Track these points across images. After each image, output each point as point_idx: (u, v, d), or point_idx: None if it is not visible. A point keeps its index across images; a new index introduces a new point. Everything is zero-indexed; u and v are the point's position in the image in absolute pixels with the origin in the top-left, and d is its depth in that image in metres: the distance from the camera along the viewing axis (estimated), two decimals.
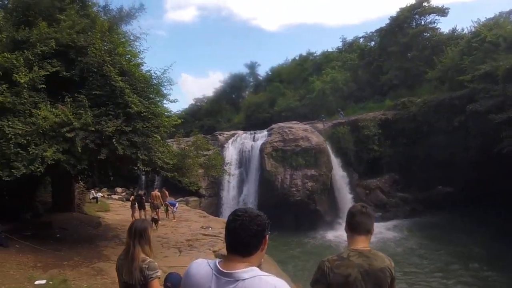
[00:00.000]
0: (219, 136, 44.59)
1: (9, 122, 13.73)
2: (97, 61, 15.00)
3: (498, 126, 29.32)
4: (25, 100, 14.27)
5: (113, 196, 43.09)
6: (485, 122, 31.28)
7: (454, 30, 50.56)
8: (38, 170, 13.22)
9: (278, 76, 64.21)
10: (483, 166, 32.61)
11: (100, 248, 16.71)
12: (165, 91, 16.59)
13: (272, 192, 37.59)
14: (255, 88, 68.96)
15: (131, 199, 26.17)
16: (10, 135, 13.41)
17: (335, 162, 39.47)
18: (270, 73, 68.64)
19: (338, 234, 33.44)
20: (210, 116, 65.94)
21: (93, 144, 14.05)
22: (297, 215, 36.42)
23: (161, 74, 16.20)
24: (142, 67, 16.24)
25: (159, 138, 16.23)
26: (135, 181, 47.82)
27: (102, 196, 36.75)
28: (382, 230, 32.56)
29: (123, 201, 39.63)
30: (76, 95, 14.83)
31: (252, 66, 71.16)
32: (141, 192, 26.61)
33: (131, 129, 14.42)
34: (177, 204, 27.74)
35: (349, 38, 62.99)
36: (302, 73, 60.37)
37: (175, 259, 15.73)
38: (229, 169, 33.77)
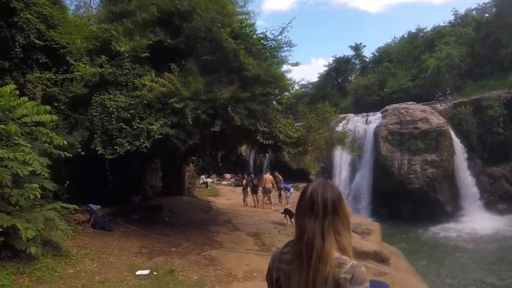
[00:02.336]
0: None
1: (110, 96, 11.71)
2: (204, 24, 12.45)
3: None
4: (127, 71, 12.17)
5: (222, 182, 42.03)
6: None
7: None
8: (144, 145, 11.11)
9: (387, 56, 58.95)
10: None
11: (212, 233, 14.53)
12: (283, 55, 13.49)
13: (387, 178, 33.91)
14: (361, 70, 64.13)
15: (243, 183, 24.34)
16: (112, 109, 11.39)
17: (458, 146, 34.45)
18: (377, 54, 63.52)
19: (460, 226, 29.74)
20: (316, 102, 62.25)
21: (205, 115, 11.62)
22: (415, 204, 32.63)
23: (279, 35, 13.13)
24: (256, 29, 13.26)
25: (280, 108, 13.31)
26: (244, 167, 46.25)
27: (211, 182, 35.16)
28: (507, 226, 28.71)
29: (232, 186, 37.92)
30: (183, 62, 12.49)
31: (357, 48, 65.80)
32: (253, 176, 24.91)
33: (249, 95, 11.75)
34: (291, 189, 24.81)
35: (461, 11, 56.57)
36: (412, 51, 54.65)
37: None
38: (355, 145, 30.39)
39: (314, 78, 77.56)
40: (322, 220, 2.02)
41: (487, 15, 47.89)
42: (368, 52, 66.90)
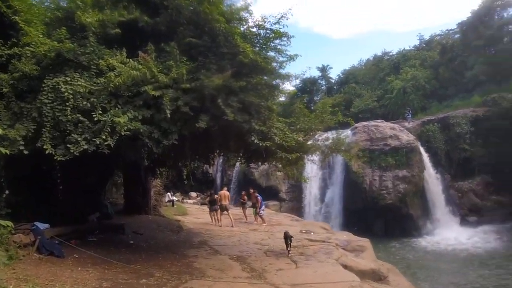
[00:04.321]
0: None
1: (67, 78, 8.63)
2: (191, 3, 9.62)
3: None
4: (91, 50, 9.12)
5: (188, 201, 38.38)
6: None
7: None
8: (106, 144, 8.07)
9: (353, 78, 58.09)
10: None
11: (189, 258, 11.43)
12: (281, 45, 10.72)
13: (359, 195, 32.11)
14: (327, 91, 62.39)
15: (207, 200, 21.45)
16: (67, 95, 8.38)
17: (427, 161, 33.21)
18: (342, 75, 62.39)
19: (433, 240, 28.85)
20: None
21: (188, 108, 8.62)
22: (387, 220, 30.97)
23: (276, 23, 10.40)
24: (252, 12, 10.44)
25: (275, 107, 10.66)
26: (210, 185, 42.85)
27: (177, 200, 31.60)
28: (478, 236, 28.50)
29: (198, 205, 34.61)
30: (162, 45, 9.50)
31: (323, 69, 63.81)
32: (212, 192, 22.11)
33: (244, 84, 8.91)
34: (263, 206, 21.52)
35: (426, 36, 56.80)
36: (378, 73, 54.36)
37: (294, 273, 10.51)
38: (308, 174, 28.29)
39: (282, 97, 75.52)
40: None
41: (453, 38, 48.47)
42: (334, 74, 65.70)
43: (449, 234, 29.11)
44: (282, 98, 12.72)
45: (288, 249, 12.47)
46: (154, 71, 8.63)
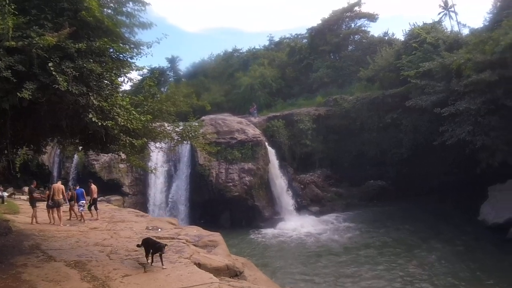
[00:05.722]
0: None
1: None
2: None
3: (437, 121, 28.90)
4: None
5: (21, 197, 33.74)
6: (418, 119, 32.28)
7: (385, 34, 49.01)
8: None
9: (202, 71, 58.03)
10: (414, 161, 32.70)
11: (17, 268, 9.71)
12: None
13: (205, 188, 31.93)
14: (176, 83, 61.28)
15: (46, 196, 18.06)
16: None
17: (272, 155, 34.39)
18: (191, 68, 61.88)
19: (279, 230, 29.78)
20: None
21: (10, 72, 7.05)
22: (234, 212, 31.43)
23: None
24: None
25: (119, 82, 9.54)
26: (46, 179, 38.64)
27: (8, 196, 27.56)
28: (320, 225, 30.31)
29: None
30: None
31: (173, 60, 63.31)
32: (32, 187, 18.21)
33: (84, 48, 7.59)
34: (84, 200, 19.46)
35: (276, 38, 59.80)
36: (227, 69, 55.17)
37: (144, 279, 9.33)
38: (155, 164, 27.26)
39: (127, 86, 72.02)
40: None
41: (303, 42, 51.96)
42: (183, 67, 65.20)
43: (294, 223, 30.46)
44: (130, 74, 10.97)
45: (149, 260, 10.52)
46: None
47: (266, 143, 34.42)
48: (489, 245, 22.47)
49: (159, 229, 16.80)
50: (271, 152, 34.40)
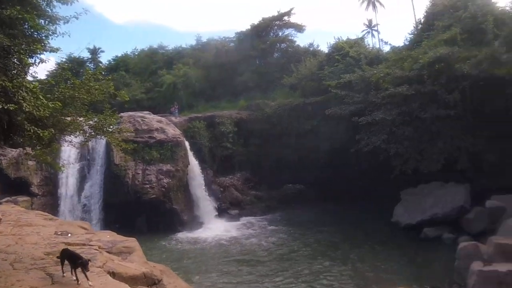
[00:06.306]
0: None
1: None
2: None
3: (354, 129, 30.22)
4: None
5: None
6: (336, 126, 33.09)
7: (311, 45, 50.83)
8: None
9: (124, 65, 55.90)
10: (331, 166, 34.17)
11: None
12: None
13: (121, 189, 30.18)
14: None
15: None
16: None
17: (192, 157, 33.83)
18: (113, 62, 59.32)
19: (197, 235, 29.10)
20: None
21: None
22: (151, 215, 30.06)
23: None
24: None
25: (29, 61, 8.43)
26: None
27: None
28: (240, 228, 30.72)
29: None
30: None
31: (94, 52, 59.97)
32: None
33: None
34: None
35: (204, 39, 58.52)
36: (151, 65, 53.59)
37: None
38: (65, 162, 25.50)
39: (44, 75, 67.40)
40: None
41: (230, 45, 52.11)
42: (105, 59, 62.45)
43: (214, 227, 30.26)
44: (44, 55, 9.52)
45: (64, 274, 9.15)
46: None
47: (187, 144, 33.76)
48: (404, 245, 24.06)
49: (69, 234, 15.36)
50: (191, 153, 33.85)
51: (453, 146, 25.88)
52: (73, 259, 8.93)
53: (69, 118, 10.17)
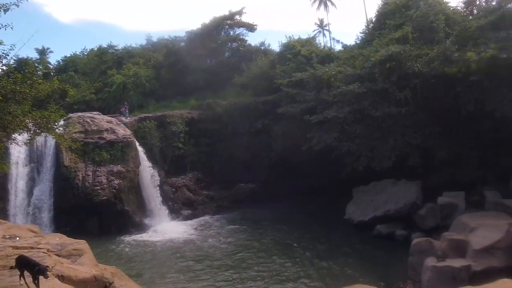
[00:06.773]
0: None
1: None
2: None
3: (306, 128, 30.07)
4: None
5: None
6: (287, 125, 33.27)
7: (262, 44, 51.18)
8: None
9: (73, 66, 54.19)
10: (283, 165, 34.37)
11: None
12: None
13: (71, 191, 29.66)
14: (44, 77, 56.24)
15: None
16: None
17: (143, 157, 33.65)
18: (62, 62, 57.31)
19: (150, 236, 28.88)
20: None
21: None
22: (102, 217, 29.81)
23: None
24: None
25: None
26: None
27: None
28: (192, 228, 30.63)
29: None
30: None
31: (43, 52, 58.14)
32: None
33: None
34: None
35: (154, 38, 58.32)
36: (100, 65, 52.29)
37: None
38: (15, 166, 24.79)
39: None
40: None
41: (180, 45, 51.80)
42: (53, 59, 60.40)
43: (166, 228, 30.14)
44: None
45: (21, 281, 8.66)
46: None
47: (137, 144, 33.57)
48: (357, 242, 24.39)
49: (17, 238, 15.15)
50: (142, 153, 33.67)
51: (404, 143, 26.11)
52: (30, 267, 8.46)
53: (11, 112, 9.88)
